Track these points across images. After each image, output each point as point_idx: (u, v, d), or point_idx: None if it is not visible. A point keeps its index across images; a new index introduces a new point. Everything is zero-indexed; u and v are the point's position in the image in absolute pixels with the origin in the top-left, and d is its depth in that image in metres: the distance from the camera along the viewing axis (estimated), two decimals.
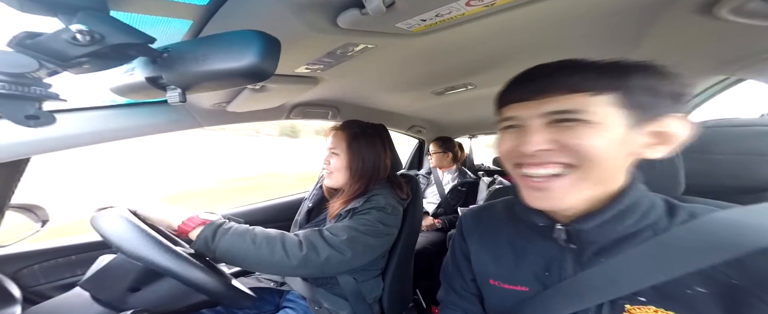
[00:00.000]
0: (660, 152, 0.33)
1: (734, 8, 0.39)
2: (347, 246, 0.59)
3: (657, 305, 0.32)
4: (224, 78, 0.30)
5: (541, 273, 0.40)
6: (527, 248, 0.42)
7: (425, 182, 1.70)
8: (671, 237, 0.33)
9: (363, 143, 0.72)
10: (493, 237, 0.46)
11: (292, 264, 0.55)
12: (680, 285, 0.32)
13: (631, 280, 0.33)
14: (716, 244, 0.31)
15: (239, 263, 0.55)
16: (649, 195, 0.36)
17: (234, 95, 0.65)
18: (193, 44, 0.31)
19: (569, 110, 0.32)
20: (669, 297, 0.32)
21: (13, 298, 0.60)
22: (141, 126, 0.64)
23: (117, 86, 0.38)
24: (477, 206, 0.53)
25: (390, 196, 0.70)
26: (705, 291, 0.31)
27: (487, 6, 0.36)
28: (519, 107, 0.36)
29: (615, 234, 0.35)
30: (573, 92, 0.32)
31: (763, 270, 0.29)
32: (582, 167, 0.32)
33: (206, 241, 0.52)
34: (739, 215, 0.32)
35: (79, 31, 0.24)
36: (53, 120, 0.30)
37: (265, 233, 0.57)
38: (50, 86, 0.29)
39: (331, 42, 0.44)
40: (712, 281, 0.31)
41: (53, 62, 0.26)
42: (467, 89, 0.85)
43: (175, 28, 0.38)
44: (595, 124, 0.31)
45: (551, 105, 0.33)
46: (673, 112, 0.32)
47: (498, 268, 0.44)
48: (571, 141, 0.32)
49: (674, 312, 0.32)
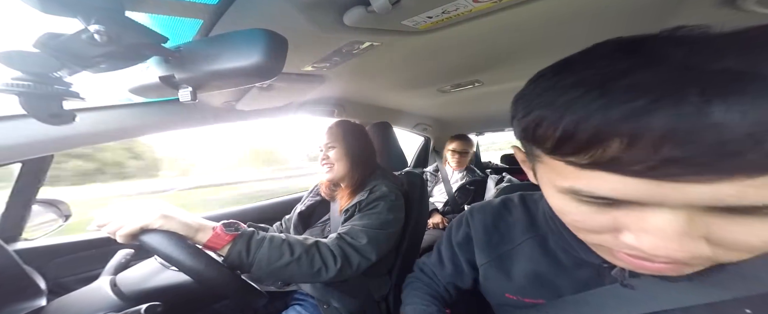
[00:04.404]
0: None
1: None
2: (371, 249, 0.60)
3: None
4: (233, 76, 0.31)
5: (568, 292, 0.34)
6: (553, 271, 0.35)
7: (432, 180, 1.69)
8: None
9: (356, 135, 0.78)
10: (508, 251, 0.39)
11: (330, 275, 0.55)
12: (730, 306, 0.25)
13: (684, 297, 0.27)
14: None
15: (276, 275, 0.52)
16: None
17: (242, 93, 0.67)
18: (203, 43, 0.32)
19: (752, 205, 0.17)
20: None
21: (40, 290, 0.63)
22: (154, 124, 0.66)
23: (134, 86, 0.39)
24: (489, 205, 0.44)
25: (390, 184, 0.73)
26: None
27: (494, 2, 0.36)
28: (637, 184, 0.18)
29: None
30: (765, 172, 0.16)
31: None
32: (733, 259, 0.20)
33: (240, 255, 0.48)
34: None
35: (96, 32, 0.25)
36: (73, 118, 0.32)
37: (300, 243, 0.54)
38: (71, 84, 0.30)
39: (338, 40, 0.44)
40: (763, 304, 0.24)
41: (74, 62, 0.27)
42: (474, 86, 0.84)
43: (186, 27, 0.39)
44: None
45: (726, 193, 0.17)
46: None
47: (514, 283, 0.38)
48: (739, 242, 0.19)
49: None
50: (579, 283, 0.33)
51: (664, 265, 0.22)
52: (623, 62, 0.18)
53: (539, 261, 0.36)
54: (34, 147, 0.54)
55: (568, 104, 0.19)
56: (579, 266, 0.34)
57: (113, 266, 0.65)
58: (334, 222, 0.75)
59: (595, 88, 0.18)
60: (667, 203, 0.18)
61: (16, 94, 0.27)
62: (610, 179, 0.19)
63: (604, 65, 0.19)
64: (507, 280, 0.39)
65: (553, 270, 0.35)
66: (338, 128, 0.78)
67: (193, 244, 0.46)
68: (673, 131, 0.15)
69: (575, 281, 0.34)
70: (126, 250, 0.69)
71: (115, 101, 0.62)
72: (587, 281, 0.33)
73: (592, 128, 0.18)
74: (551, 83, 0.21)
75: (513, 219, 0.41)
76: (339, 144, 0.76)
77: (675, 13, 0.43)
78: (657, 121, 0.16)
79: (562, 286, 0.35)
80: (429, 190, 1.66)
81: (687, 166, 0.16)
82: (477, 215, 0.44)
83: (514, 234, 0.40)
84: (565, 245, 0.34)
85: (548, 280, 0.36)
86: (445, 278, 0.49)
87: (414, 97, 1.00)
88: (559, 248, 0.35)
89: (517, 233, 0.40)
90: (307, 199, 0.86)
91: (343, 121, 0.81)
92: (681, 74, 0.16)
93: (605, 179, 0.19)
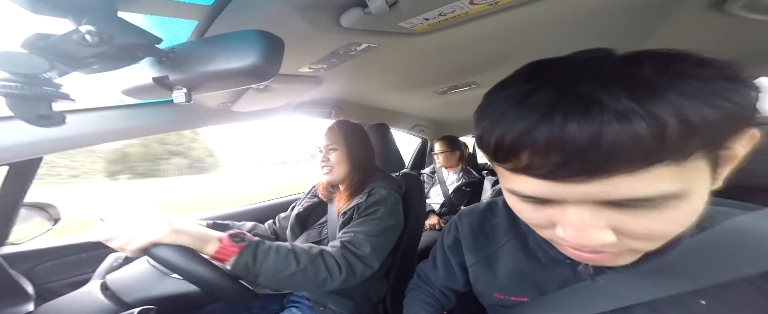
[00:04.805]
0: (719, 180, 0.23)
1: (746, 3, 0.38)
2: (374, 257, 0.61)
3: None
4: (228, 78, 0.30)
5: (552, 289, 0.36)
6: (534, 268, 0.38)
7: (430, 181, 1.69)
8: (695, 242, 0.28)
9: (357, 137, 0.77)
10: (493, 252, 0.42)
11: (334, 284, 0.55)
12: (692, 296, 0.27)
13: (646, 291, 0.30)
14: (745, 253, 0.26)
15: (281, 285, 0.52)
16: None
17: (238, 94, 0.66)
18: (198, 44, 0.32)
19: (645, 198, 0.20)
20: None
21: (28, 295, 0.62)
22: (147, 126, 0.65)
23: (127, 88, 0.38)
24: (476, 208, 0.47)
25: (388, 187, 0.73)
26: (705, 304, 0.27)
27: (490, 5, 0.36)
28: (548, 185, 0.22)
29: (648, 263, 0.29)
30: (651, 163, 0.19)
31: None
32: (656, 245, 0.24)
33: (247, 266, 0.48)
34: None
35: (88, 32, 0.25)
36: (63, 120, 0.31)
37: (305, 252, 0.54)
38: (61, 86, 0.29)
39: (335, 41, 0.44)
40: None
41: (64, 63, 0.27)
42: (470, 87, 0.84)
43: (181, 28, 0.39)
44: (681, 200, 0.21)
45: (611, 191, 0.21)
46: (743, 128, 0.21)
47: (500, 281, 0.40)
48: (646, 230, 0.22)
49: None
50: (559, 280, 0.36)
51: (593, 254, 0.26)
52: (533, 83, 0.22)
53: (521, 260, 0.38)
54: (21, 149, 0.53)
55: (499, 118, 0.23)
56: (556, 264, 0.36)
57: (104, 270, 0.63)
58: (332, 224, 0.74)
59: (512, 106, 0.22)
60: (570, 200, 0.23)
61: (2, 95, 0.27)
62: (529, 181, 0.23)
63: (522, 85, 0.23)
64: (494, 280, 0.41)
65: (535, 268, 0.37)
66: (340, 129, 0.76)
67: (202, 257, 0.46)
68: (550, 143, 0.20)
69: (555, 278, 0.36)
70: (116, 253, 0.68)
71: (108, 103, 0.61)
72: (566, 278, 0.35)
73: (510, 140, 0.22)
74: (493, 97, 0.25)
75: (497, 221, 0.43)
76: (341, 146, 0.74)
77: (664, 18, 0.44)
78: (540, 135, 0.20)
79: (544, 283, 0.37)
80: (426, 191, 1.66)
81: (570, 169, 0.21)
82: (465, 219, 0.47)
83: (498, 235, 0.42)
84: (543, 243, 0.36)
85: (531, 278, 0.38)
86: (439, 281, 0.51)
87: (411, 98, 1.00)
88: (538, 247, 0.37)
89: (501, 234, 0.41)
90: (304, 200, 0.85)
91: (344, 121, 0.79)
92: (558, 97, 0.20)
93: (527, 182, 0.24)
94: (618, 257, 0.26)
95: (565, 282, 0.35)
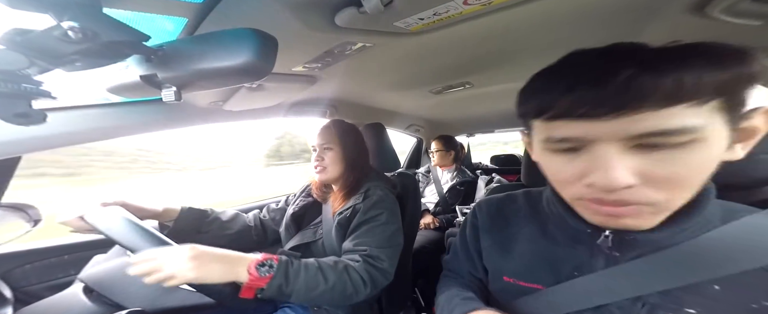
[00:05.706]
0: (741, 152, 0.27)
1: (726, 8, 0.39)
2: (391, 268, 0.63)
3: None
4: (220, 76, 0.30)
5: (568, 274, 0.36)
6: (551, 249, 0.38)
7: (424, 180, 1.70)
8: (709, 239, 0.30)
9: (352, 136, 0.77)
10: (511, 234, 0.43)
11: (359, 298, 0.58)
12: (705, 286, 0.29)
13: (661, 280, 0.31)
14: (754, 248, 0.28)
15: (311, 302, 0.55)
16: (713, 201, 0.31)
17: (230, 93, 0.65)
18: (189, 42, 0.31)
19: (667, 131, 0.24)
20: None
21: (4, 298, 0.59)
22: (135, 125, 0.63)
23: (112, 85, 0.37)
24: (495, 196, 0.49)
25: (384, 187, 0.73)
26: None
27: (484, 5, 0.36)
28: (583, 126, 0.26)
29: (666, 243, 0.31)
30: (672, 103, 0.23)
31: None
32: (674, 198, 0.27)
33: (280, 288, 0.50)
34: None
35: (70, 29, 0.24)
36: (44, 118, 0.30)
37: (331, 269, 0.56)
38: (41, 83, 0.28)
39: (329, 41, 0.44)
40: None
41: (45, 59, 0.26)
42: (464, 87, 0.85)
43: (170, 26, 0.38)
44: (698, 143, 0.24)
45: (640, 125, 0.24)
46: (760, 102, 0.25)
47: (513, 265, 0.41)
48: (668, 173, 0.25)
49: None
50: (574, 263, 0.36)
51: (617, 207, 0.28)
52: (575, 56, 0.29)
53: (538, 242, 0.40)
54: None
55: (547, 77, 0.30)
56: (575, 243, 0.37)
57: (88, 271, 0.61)
58: (327, 225, 0.74)
59: (558, 68, 0.29)
60: (604, 138, 0.26)
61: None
62: (567, 124, 0.28)
63: (559, 65, 0.30)
64: (506, 262, 0.42)
65: (551, 249, 0.38)
66: (335, 128, 0.75)
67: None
68: (588, 88, 0.25)
69: (570, 260, 0.37)
70: (101, 255, 0.66)
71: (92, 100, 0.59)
72: (581, 262, 0.36)
73: (556, 88, 0.28)
74: (535, 76, 0.32)
75: (517, 207, 0.45)
76: (336, 146, 0.74)
77: (649, 20, 0.46)
78: (583, 81, 0.26)
79: (559, 265, 0.37)
80: (421, 190, 1.67)
81: (604, 107, 0.25)
82: (483, 206, 0.49)
83: (518, 219, 0.44)
84: (563, 225, 0.37)
85: (545, 260, 0.38)
86: (463, 268, 0.51)
87: (406, 98, 1.00)
88: (558, 229, 0.39)
89: (520, 218, 0.43)
90: (298, 199, 0.84)
91: (339, 121, 0.79)
92: (597, 56, 0.27)
93: (565, 126, 0.28)
94: (639, 216, 0.28)
95: (580, 265, 0.35)
